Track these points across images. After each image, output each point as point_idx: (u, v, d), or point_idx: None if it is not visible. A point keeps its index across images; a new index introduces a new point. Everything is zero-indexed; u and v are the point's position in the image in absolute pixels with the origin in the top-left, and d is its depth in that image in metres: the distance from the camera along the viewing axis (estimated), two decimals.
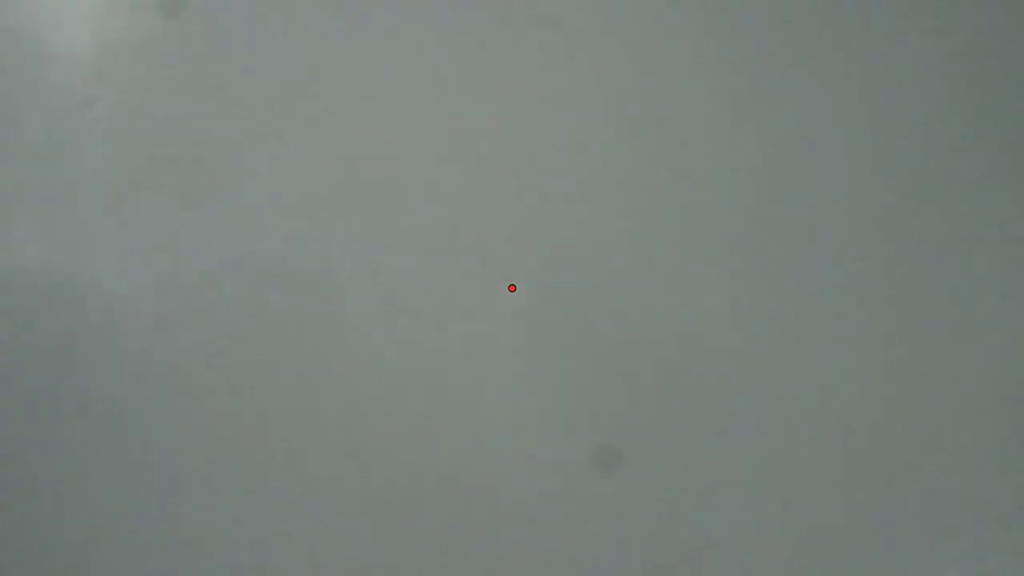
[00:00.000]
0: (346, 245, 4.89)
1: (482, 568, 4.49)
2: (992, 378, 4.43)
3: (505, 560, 4.58)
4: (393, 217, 4.88)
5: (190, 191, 5.00)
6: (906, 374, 4.53)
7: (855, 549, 4.41)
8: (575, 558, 4.33)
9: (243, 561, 4.97)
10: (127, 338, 4.87)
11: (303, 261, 5.07)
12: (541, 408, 4.55)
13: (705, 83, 4.79)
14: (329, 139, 4.95)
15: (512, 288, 5.32)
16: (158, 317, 4.97)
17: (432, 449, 4.59)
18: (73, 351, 5.09)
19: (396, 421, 4.74)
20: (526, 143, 4.87)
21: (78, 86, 5.10)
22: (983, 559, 4.47)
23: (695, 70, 4.87)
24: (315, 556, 4.62)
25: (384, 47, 4.90)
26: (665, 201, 4.86)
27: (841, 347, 4.68)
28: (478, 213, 4.88)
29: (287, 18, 4.97)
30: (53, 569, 4.87)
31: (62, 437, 5.10)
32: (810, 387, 4.61)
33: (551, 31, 4.91)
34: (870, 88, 4.69)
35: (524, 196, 4.95)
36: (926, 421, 4.51)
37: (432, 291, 4.73)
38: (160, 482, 4.93)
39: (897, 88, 4.62)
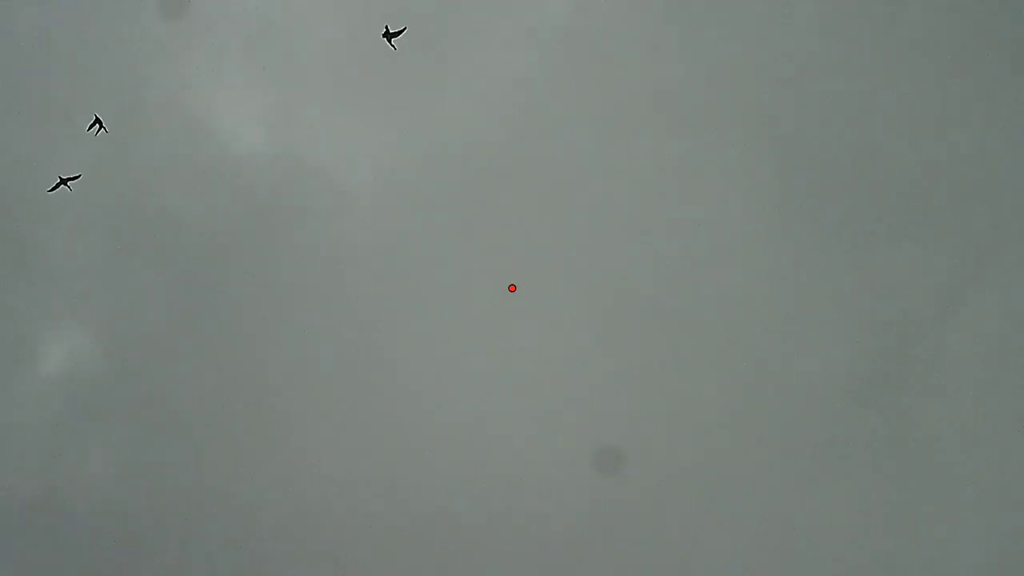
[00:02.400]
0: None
1: (483, 560, 6.87)
2: None
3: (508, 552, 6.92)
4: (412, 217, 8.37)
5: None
6: None
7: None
8: (578, 555, 6.68)
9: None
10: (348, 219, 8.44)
11: None
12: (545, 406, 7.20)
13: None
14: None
15: (512, 288, 8.93)
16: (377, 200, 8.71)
17: (435, 448, 7.35)
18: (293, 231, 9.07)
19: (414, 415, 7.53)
20: (527, 155, 8.41)
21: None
22: None
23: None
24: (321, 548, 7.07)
25: None
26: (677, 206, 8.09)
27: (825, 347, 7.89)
28: (485, 218, 8.37)
29: None
30: None
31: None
32: (806, 384, 7.57)
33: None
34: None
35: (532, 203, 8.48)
36: None
37: (436, 292, 7.92)
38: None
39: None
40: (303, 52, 12.07)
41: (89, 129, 13.44)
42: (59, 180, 13.85)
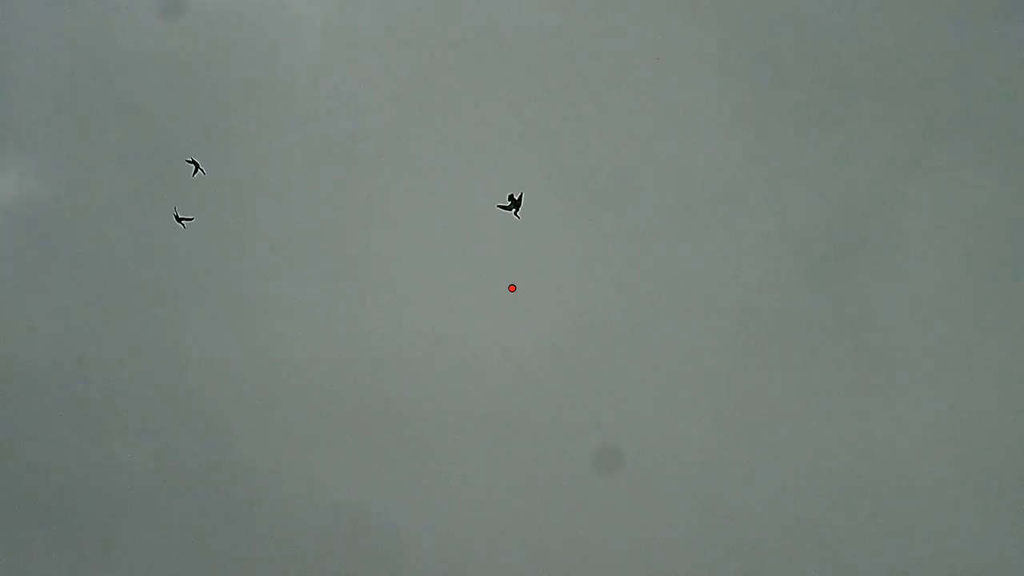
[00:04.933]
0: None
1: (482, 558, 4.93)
2: None
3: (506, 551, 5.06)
4: (403, 218, 5.77)
5: None
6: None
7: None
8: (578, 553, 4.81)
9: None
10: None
11: None
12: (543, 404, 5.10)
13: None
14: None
15: (512, 288, 6.06)
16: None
17: (435, 446, 5.14)
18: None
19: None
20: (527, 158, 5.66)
21: None
22: None
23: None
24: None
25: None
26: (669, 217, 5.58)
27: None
28: (484, 220, 5.79)
29: None
30: None
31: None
32: (804, 387, 5.11)
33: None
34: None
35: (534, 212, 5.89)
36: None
37: (438, 292, 5.51)
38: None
39: None
40: None
41: (191, 163, 11.52)
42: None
